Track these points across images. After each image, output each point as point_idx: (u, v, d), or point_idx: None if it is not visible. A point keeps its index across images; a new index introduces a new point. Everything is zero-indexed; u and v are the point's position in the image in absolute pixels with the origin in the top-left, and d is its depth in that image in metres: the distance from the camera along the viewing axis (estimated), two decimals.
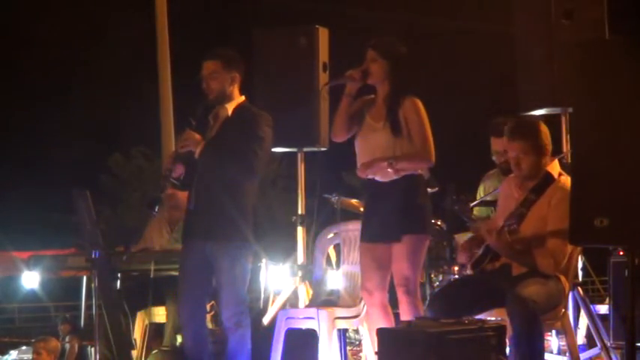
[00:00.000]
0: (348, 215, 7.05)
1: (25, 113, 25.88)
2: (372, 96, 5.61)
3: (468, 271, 5.33)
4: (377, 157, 5.43)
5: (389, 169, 5.38)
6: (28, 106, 25.88)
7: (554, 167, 5.15)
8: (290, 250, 7.48)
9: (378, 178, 5.47)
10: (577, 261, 6.28)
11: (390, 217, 5.41)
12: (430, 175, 5.94)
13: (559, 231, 4.89)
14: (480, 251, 5.11)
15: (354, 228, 6.27)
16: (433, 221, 6.22)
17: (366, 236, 5.59)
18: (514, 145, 5.10)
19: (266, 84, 6.76)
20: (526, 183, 5.12)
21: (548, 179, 5.05)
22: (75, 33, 24.45)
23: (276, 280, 7.74)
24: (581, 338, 6.70)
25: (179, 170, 5.60)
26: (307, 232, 6.90)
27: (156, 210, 5.65)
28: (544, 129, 5.14)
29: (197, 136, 5.52)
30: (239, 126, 5.53)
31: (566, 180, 5.01)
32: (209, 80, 5.58)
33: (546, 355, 5.51)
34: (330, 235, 6.59)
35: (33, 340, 8.36)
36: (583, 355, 6.30)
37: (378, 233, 5.49)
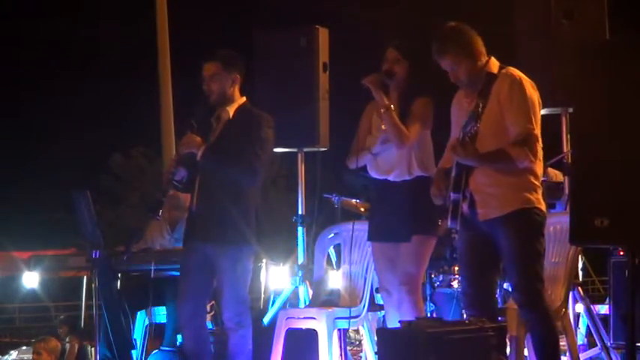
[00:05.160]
0: (348, 215, 7.05)
1: (26, 113, 25.90)
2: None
3: (451, 224, 4.92)
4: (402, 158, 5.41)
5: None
6: (29, 106, 25.90)
7: (494, 64, 4.91)
8: (290, 250, 7.48)
9: (391, 177, 5.46)
10: (577, 261, 6.29)
11: (400, 217, 5.40)
12: None
13: (520, 117, 4.74)
14: (453, 173, 4.86)
15: (354, 228, 6.26)
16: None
17: (376, 235, 5.58)
18: (444, 61, 4.92)
19: (266, 84, 6.76)
20: (473, 92, 4.88)
21: (491, 78, 4.83)
22: (75, 33, 24.47)
23: (276, 280, 7.74)
24: (581, 338, 6.70)
25: (181, 173, 5.60)
26: (307, 232, 6.90)
27: (159, 214, 5.66)
28: (467, 31, 4.96)
29: (198, 139, 5.51)
30: (241, 128, 5.52)
31: (510, 70, 4.86)
32: (210, 82, 5.56)
33: None
34: (330, 235, 6.59)
35: (33, 340, 8.37)
36: (583, 355, 6.30)
37: (388, 233, 5.47)
